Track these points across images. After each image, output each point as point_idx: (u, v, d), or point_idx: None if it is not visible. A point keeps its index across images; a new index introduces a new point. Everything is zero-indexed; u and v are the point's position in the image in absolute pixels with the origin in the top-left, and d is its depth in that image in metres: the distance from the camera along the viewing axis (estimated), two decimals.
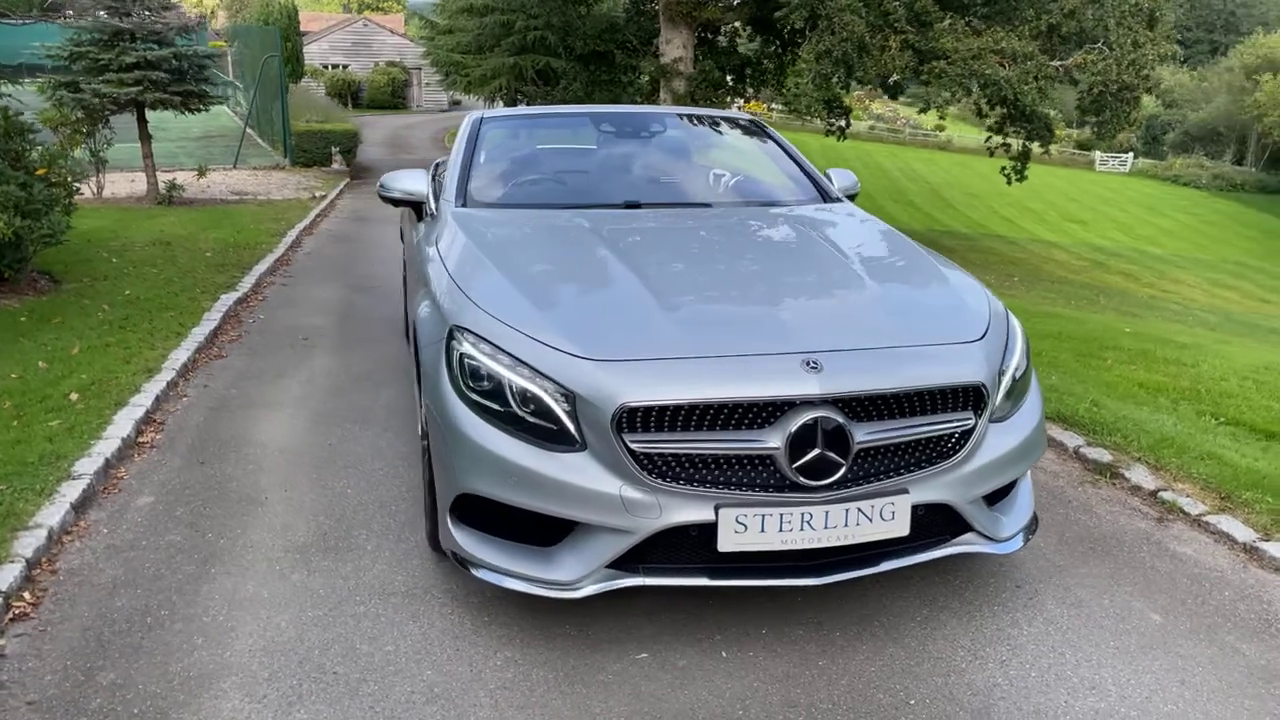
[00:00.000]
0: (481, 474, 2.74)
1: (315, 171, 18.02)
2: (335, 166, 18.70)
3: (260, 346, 6.03)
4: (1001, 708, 2.53)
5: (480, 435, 2.74)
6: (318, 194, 14.98)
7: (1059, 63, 17.28)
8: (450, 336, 2.91)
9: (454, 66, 29.01)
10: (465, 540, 2.87)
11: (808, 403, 2.61)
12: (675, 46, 19.73)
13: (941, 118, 18.14)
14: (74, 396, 4.70)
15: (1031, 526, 3.09)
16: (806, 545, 2.65)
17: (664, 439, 2.61)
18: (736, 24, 20.33)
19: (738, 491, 2.62)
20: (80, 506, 3.64)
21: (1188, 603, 3.08)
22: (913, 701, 2.55)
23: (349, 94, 38.09)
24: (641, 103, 25.66)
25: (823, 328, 2.85)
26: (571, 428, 2.66)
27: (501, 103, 30.78)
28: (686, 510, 2.62)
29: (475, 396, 2.78)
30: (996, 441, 2.89)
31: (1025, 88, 16.62)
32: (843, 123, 20.35)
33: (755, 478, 2.64)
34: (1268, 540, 3.40)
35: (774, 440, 2.59)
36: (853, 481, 2.67)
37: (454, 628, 2.90)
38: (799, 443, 2.59)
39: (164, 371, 5.21)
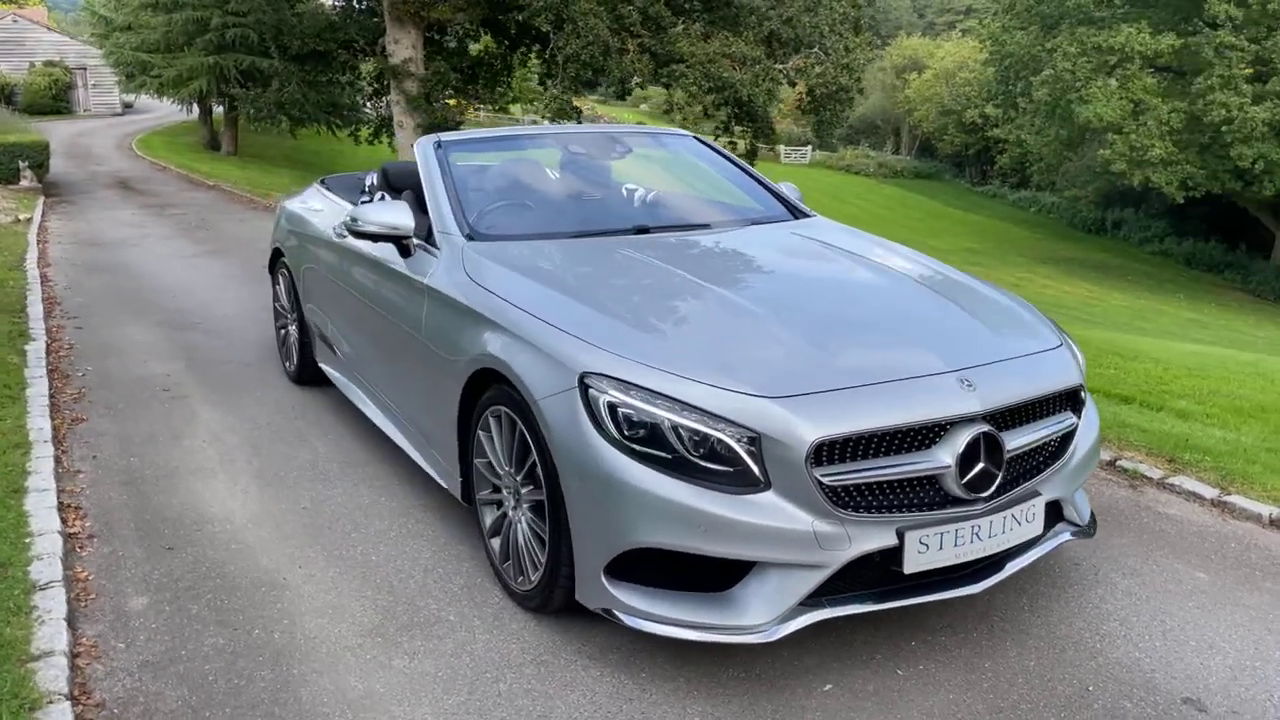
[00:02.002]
0: (658, 526, 2.62)
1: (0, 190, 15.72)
2: (25, 183, 16.44)
3: (119, 404, 5.24)
4: (1160, 679, 2.79)
5: (654, 486, 2.61)
6: (21, 217, 13.11)
7: (782, 66, 18.58)
8: (585, 385, 2.74)
9: (139, 67, 26.30)
10: (627, 595, 2.73)
11: (969, 419, 2.73)
12: (404, 47, 19.10)
13: (681, 117, 18.91)
14: None
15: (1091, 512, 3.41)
16: (975, 556, 2.78)
17: (850, 469, 2.63)
18: (467, 24, 20.01)
19: (915, 513, 2.69)
20: (71, 621, 3.04)
21: (1212, 558, 3.53)
22: (1091, 688, 2.75)
23: (1, 98, 33.29)
24: (365, 105, 24.58)
25: (950, 345, 2.97)
26: (756, 468, 2.61)
27: (197, 106, 28.29)
28: (872, 538, 2.66)
29: (636, 446, 2.65)
30: (1082, 438, 3.17)
31: (756, 90, 17.69)
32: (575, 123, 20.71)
33: (924, 497, 2.73)
34: (1229, 494, 3.97)
35: (946, 458, 2.69)
36: (1003, 489, 2.83)
37: (618, 690, 2.74)
38: (967, 458, 2.71)
39: (36, 445, 4.41)
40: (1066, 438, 3.06)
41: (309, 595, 3.27)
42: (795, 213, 4.38)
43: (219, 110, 27.81)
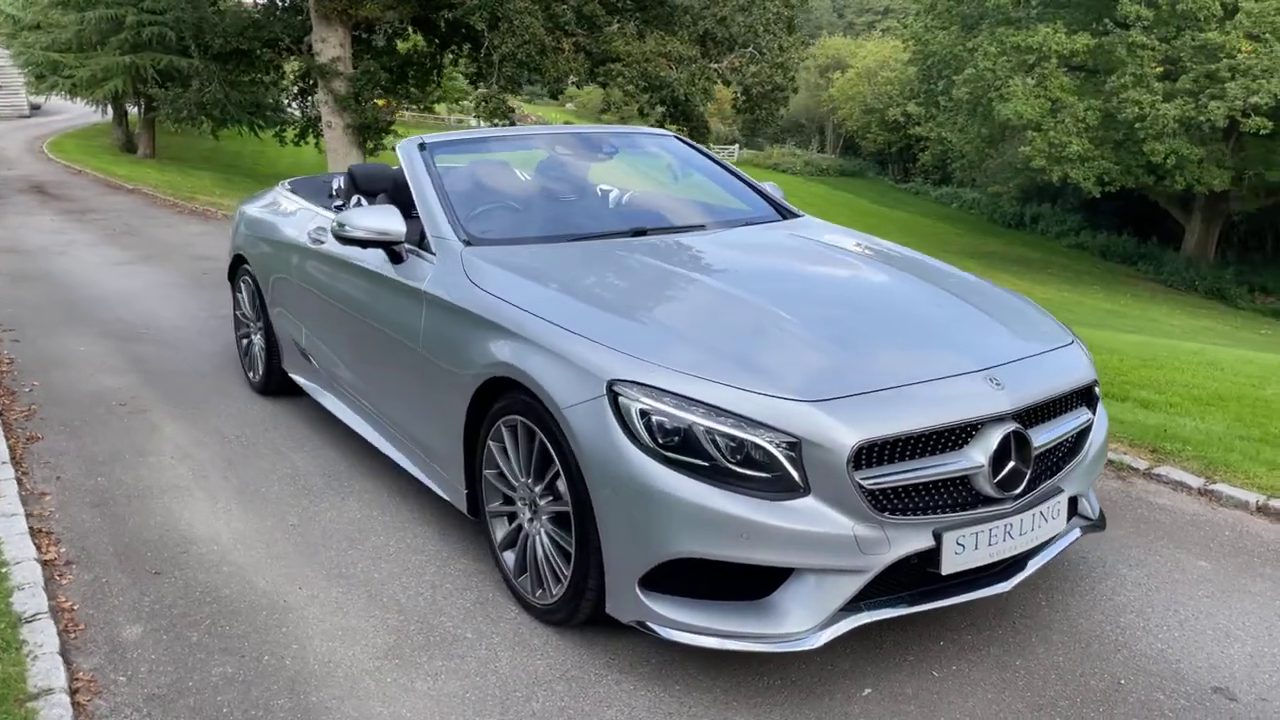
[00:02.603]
0: (696, 535, 2.56)
1: None
2: None
3: (75, 421, 4.99)
4: (1186, 669, 2.83)
5: (690, 494, 2.55)
6: None
7: (717, 65, 18.65)
8: (614, 392, 2.67)
9: (50, 67, 25.28)
10: (662, 607, 2.66)
11: (999, 417, 2.73)
12: (332, 45, 18.66)
13: (617, 116, 18.87)
14: None
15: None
16: (1008, 554, 2.78)
17: (887, 472, 2.61)
18: (396, 22, 19.65)
19: (950, 514, 2.68)
20: (65, 655, 2.86)
21: (1211, 547, 3.61)
22: (1123, 682, 2.77)
23: None
24: (291, 105, 24.00)
25: (974, 344, 2.97)
26: (795, 474, 2.56)
27: (111, 108, 27.34)
28: (910, 540, 2.64)
29: (671, 454, 2.59)
30: (1095, 433, 3.20)
31: (693, 89, 17.73)
32: (507, 124, 20.54)
33: (957, 498, 2.72)
34: (1214, 483, 4.07)
35: (979, 457, 2.69)
36: (1031, 487, 2.83)
37: (656, 704, 2.68)
38: (998, 457, 2.71)
39: None
40: (1082, 434, 3.08)
41: (315, 617, 3.14)
42: (783, 213, 4.37)
43: (134, 111, 26.90)
